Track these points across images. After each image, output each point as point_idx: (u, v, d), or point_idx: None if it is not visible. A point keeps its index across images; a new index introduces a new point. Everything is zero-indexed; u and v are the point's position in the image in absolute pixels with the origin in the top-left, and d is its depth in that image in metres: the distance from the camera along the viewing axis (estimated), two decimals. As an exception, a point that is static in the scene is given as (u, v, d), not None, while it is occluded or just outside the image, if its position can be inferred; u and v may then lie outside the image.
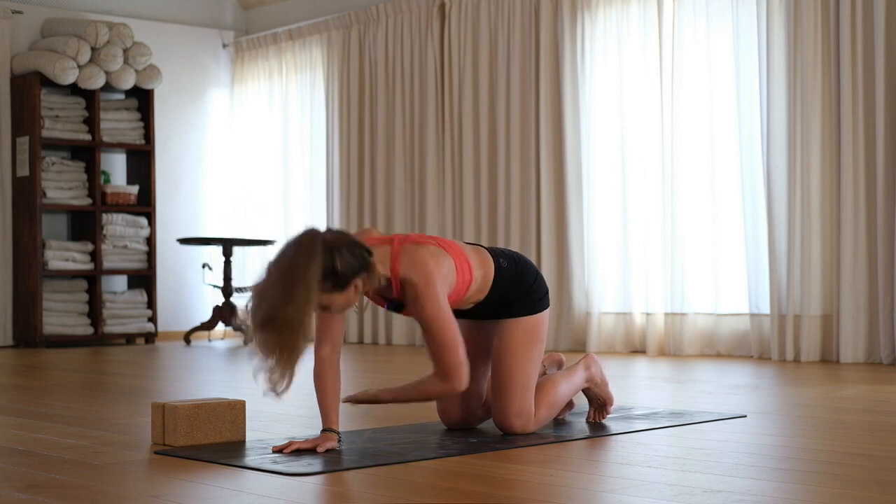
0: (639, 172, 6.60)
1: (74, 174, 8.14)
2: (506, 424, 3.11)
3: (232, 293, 8.25)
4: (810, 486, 2.35)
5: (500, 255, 3.14)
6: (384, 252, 2.91)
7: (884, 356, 5.51)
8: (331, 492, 2.38)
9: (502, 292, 3.10)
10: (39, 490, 2.39)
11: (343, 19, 8.28)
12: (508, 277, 3.11)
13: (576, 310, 6.80)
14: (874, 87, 5.58)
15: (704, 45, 6.33)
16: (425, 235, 3.04)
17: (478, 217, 7.36)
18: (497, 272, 3.09)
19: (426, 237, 3.02)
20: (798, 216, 5.80)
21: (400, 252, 2.91)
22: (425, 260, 2.90)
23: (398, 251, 2.91)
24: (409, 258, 2.90)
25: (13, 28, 8.21)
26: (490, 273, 3.08)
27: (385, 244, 2.94)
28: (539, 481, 2.47)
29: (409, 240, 2.96)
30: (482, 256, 3.11)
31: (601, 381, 3.37)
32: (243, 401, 3.10)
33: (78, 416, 3.75)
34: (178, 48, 8.91)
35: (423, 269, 2.88)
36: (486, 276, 3.08)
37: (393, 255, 2.91)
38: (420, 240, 2.97)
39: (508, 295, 3.12)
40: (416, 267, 2.88)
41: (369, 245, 2.89)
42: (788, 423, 3.45)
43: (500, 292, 3.10)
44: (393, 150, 7.90)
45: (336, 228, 2.83)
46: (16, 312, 8.05)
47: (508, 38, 7.20)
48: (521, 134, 7.11)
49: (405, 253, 2.91)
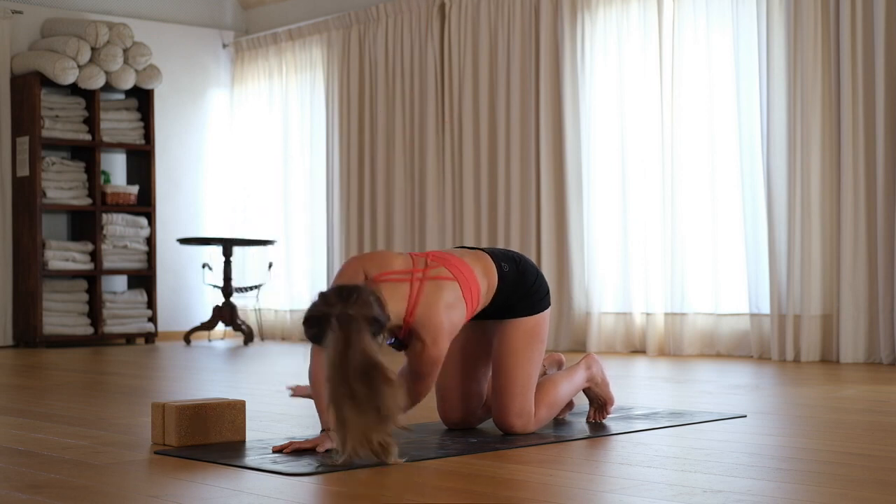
0: (639, 172, 6.60)
1: (74, 174, 8.14)
2: (506, 424, 3.11)
3: (232, 293, 8.25)
4: (810, 486, 2.35)
5: (501, 259, 3.13)
6: (401, 293, 2.85)
7: (884, 356, 5.51)
8: (331, 492, 2.38)
9: (505, 295, 3.11)
10: (39, 490, 2.39)
11: (343, 19, 8.28)
12: (511, 281, 3.11)
13: (576, 310, 6.79)
14: (874, 87, 5.58)
15: (704, 45, 6.33)
16: (439, 258, 2.98)
17: (478, 217, 7.36)
18: (500, 278, 3.09)
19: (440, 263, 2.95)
20: (798, 216, 5.80)
21: (418, 300, 2.86)
22: (439, 318, 2.85)
23: (416, 298, 2.86)
24: (424, 311, 2.85)
25: (13, 28, 8.21)
26: (494, 281, 3.08)
27: (404, 280, 2.88)
28: (539, 481, 2.47)
29: (426, 276, 2.90)
30: (485, 264, 3.08)
31: (602, 382, 3.37)
32: (243, 401, 3.10)
33: (78, 416, 3.75)
34: (178, 48, 8.91)
35: (434, 328, 2.85)
36: (490, 286, 3.07)
37: (410, 301, 2.85)
38: (440, 274, 2.92)
39: (511, 297, 3.12)
40: (428, 325, 2.84)
41: (387, 280, 2.85)
42: (788, 423, 3.45)
43: (503, 296, 3.10)
44: (393, 150, 7.90)
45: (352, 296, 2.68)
46: (16, 312, 8.05)
47: (508, 38, 7.20)
48: (521, 134, 7.11)
49: (422, 301, 2.86)
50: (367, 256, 2.95)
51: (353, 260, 2.95)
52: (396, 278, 2.87)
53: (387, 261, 2.92)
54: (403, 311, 2.84)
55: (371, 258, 2.93)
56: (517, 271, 3.13)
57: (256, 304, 8.76)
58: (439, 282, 2.91)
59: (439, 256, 3.00)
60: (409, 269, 2.91)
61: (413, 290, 2.86)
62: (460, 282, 2.94)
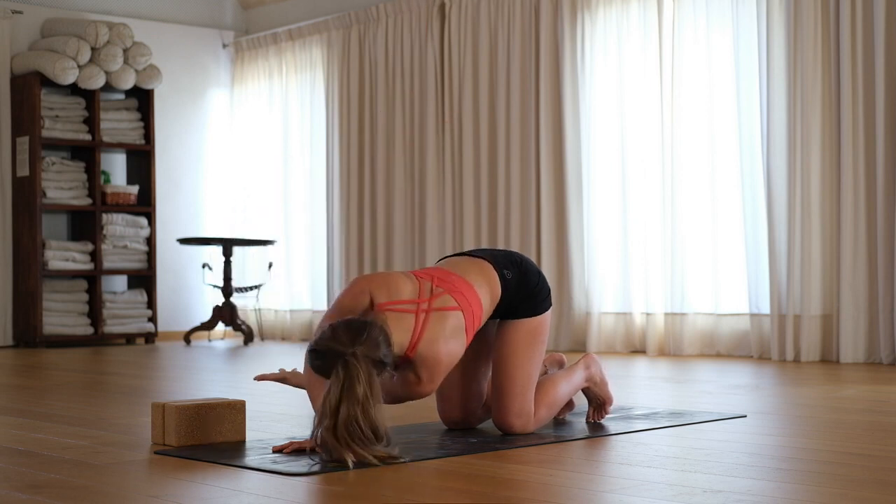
0: (639, 172, 6.60)
1: (74, 174, 8.14)
2: (505, 424, 3.11)
3: (232, 293, 8.25)
4: (810, 486, 2.35)
5: (503, 266, 3.12)
6: (406, 325, 2.86)
7: (884, 356, 5.51)
8: (331, 492, 2.38)
9: (509, 300, 3.11)
10: (39, 490, 2.39)
11: (343, 19, 8.28)
12: (514, 286, 3.11)
13: (576, 310, 6.79)
14: (874, 87, 5.58)
15: (704, 45, 6.33)
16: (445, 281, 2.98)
17: (478, 217, 7.36)
18: (503, 286, 3.09)
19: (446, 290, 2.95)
20: (798, 216, 5.80)
21: (422, 335, 2.87)
22: (440, 357, 2.87)
23: (420, 333, 2.87)
24: (427, 348, 2.86)
25: (13, 28, 8.21)
26: (497, 291, 3.08)
27: (409, 312, 2.88)
28: (539, 481, 2.47)
29: (431, 306, 2.91)
30: (488, 277, 3.07)
31: (601, 381, 3.37)
32: (243, 401, 3.10)
33: (78, 416, 3.75)
34: (178, 48, 8.91)
35: (433, 367, 2.87)
36: (493, 299, 3.07)
37: (414, 335, 2.86)
38: (445, 305, 2.92)
39: (513, 300, 3.12)
40: (428, 363, 2.86)
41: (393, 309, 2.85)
42: (788, 423, 3.45)
43: (506, 301, 3.10)
44: (393, 150, 7.90)
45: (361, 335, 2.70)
46: (16, 312, 8.05)
47: (508, 38, 7.20)
48: (521, 134, 7.11)
49: (426, 338, 2.86)
50: (374, 279, 2.94)
51: (361, 280, 2.93)
52: (402, 308, 2.88)
53: (394, 287, 2.91)
54: (406, 344, 2.86)
55: (379, 282, 2.92)
56: (520, 274, 3.13)
57: (256, 304, 8.76)
58: (443, 313, 2.91)
59: (444, 280, 2.98)
60: (416, 299, 2.91)
61: (418, 323, 2.88)
62: (464, 310, 2.95)
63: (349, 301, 2.89)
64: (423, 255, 7.67)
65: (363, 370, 2.65)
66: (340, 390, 2.62)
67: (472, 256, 3.16)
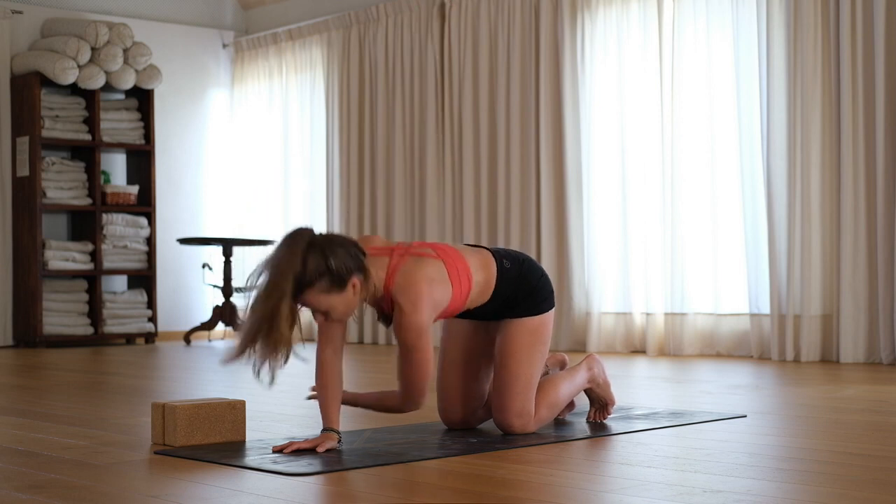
0: (639, 172, 6.60)
1: (74, 174, 8.14)
2: (506, 424, 3.11)
3: (232, 293, 8.25)
4: (810, 486, 2.35)
5: (503, 257, 3.13)
6: (382, 263, 2.91)
7: (884, 356, 5.51)
8: (331, 492, 2.38)
9: (507, 293, 3.10)
10: (40, 490, 2.39)
11: (343, 19, 8.29)
12: (512, 278, 3.11)
13: (576, 310, 6.80)
14: (874, 87, 5.58)
15: (704, 46, 6.33)
16: (427, 244, 3.03)
17: (478, 217, 7.36)
18: (500, 273, 3.09)
19: (427, 246, 3.00)
20: (798, 216, 5.80)
21: (398, 267, 2.90)
22: (419, 285, 2.87)
23: (396, 266, 2.90)
24: (404, 277, 2.88)
25: (13, 28, 8.21)
26: (492, 276, 3.08)
27: (384, 255, 2.93)
28: (539, 481, 2.47)
29: (409, 252, 2.95)
30: (484, 259, 3.10)
31: (603, 382, 3.37)
32: (243, 401, 3.10)
33: (78, 416, 3.75)
34: (178, 48, 8.92)
35: (414, 294, 2.86)
36: (488, 280, 3.07)
37: (390, 269, 2.90)
38: (421, 252, 2.96)
39: (513, 295, 3.11)
40: (408, 290, 2.87)
41: (369, 253, 2.90)
42: (788, 423, 3.45)
43: (504, 294, 3.10)
44: (393, 150, 7.90)
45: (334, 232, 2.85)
46: (16, 312, 8.05)
47: (508, 38, 7.20)
48: (521, 134, 7.11)
49: (402, 269, 2.90)
50: (360, 239, 3.00)
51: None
52: (378, 252, 2.94)
53: (377, 241, 3.00)
54: (384, 279, 2.89)
55: (362, 238, 3.01)
56: (520, 269, 3.13)
57: (256, 304, 8.75)
58: (422, 258, 2.95)
59: (429, 244, 3.04)
60: (392, 246, 2.97)
61: (393, 259, 2.92)
62: (446, 262, 2.97)
63: None
64: (423, 255, 7.66)
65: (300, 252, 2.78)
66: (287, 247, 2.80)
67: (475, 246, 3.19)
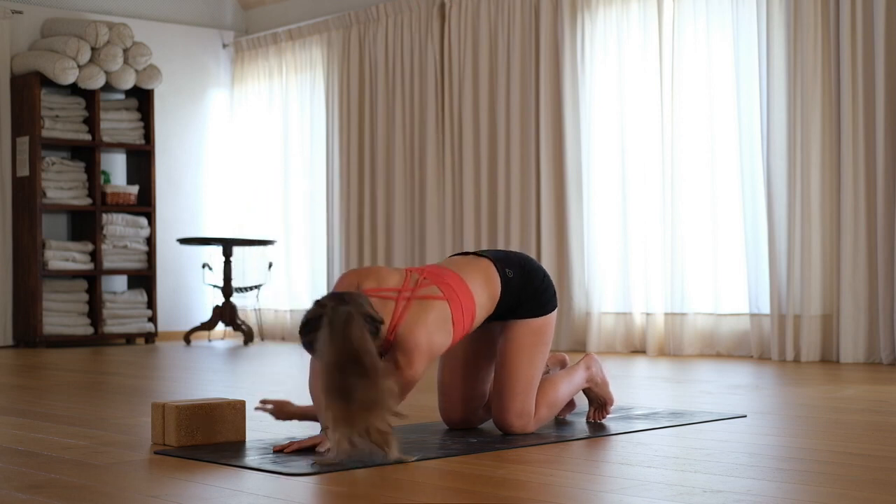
0: (639, 172, 6.60)
1: (74, 174, 8.14)
2: (506, 424, 3.11)
3: (232, 293, 8.25)
4: (810, 486, 2.35)
5: (505, 265, 3.12)
6: (387, 310, 2.85)
7: (884, 356, 5.51)
8: (331, 492, 2.38)
9: (511, 301, 3.10)
10: (39, 490, 2.39)
11: (343, 19, 8.29)
12: (516, 286, 3.10)
13: (576, 310, 6.79)
14: (874, 87, 5.58)
15: (704, 46, 6.33)
16: (433, 274, 2.98)
17: (478, 217, 7.36)
18: (503, 284, 3.08)
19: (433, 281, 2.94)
20: (798, 216, 5.80)
21: (402, 317, 2.86)
22: (418, 337, 2.84)
23: (401, 316, 2.85)
24: (406, 330, 2.84)
25: (13, 28, 8.21)
26: (497, 289, 3.07)
27: (390, 299, 2.87)
28: (539, 481, 2.47)
29: (415, 294, 2.90)
30: (486, 272, 3.07)
31: (602, 382, 3.37)
32: (243, 401, 3.10)
33: (78, 416, 3.75)
34: (178, 48, 8.92)
35: (412, 347, 2.83)
36: (492, 296, 3.06)
37: (394, 318, 2.85)
38: (426, 294, 2.91)
39: (517, 300, 3.11)
40: (406, 346, 2.83)
41: (376, 296, 2.85)
42: (788, 423, 3.45)
43: (508, 302, 3.10)
44: (393, 150, 7.90)
45: (345, 295, 2.72)
46: (16, 312, 8.05)
47: (508, 38, 7.20)
48: (521, 134, 7.11)
49: (405, 321, 2.85)
50: (363, 271, 2.96)
51: (350, 273, 2.96)
52: (384, 295, 2.88)
53: (382, 277, 2.93)
54: (386, 329, 2.84)
55: (367, 273, 2.94)
56: (522, 274, 3.12)
57: (256, 304, 8.76)
58: (427, 301, 2.90)
59: (434, 273, 2.99)
60: (399, 287, 2.91)
61: (398, 308, 2.87)
62: (451, 301, 2.93)
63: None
64: (423, 254, 7.67)
65: (355, 316, 2.64)
66: (331, 335, 2.59)
67: (476, 255, 3.16)
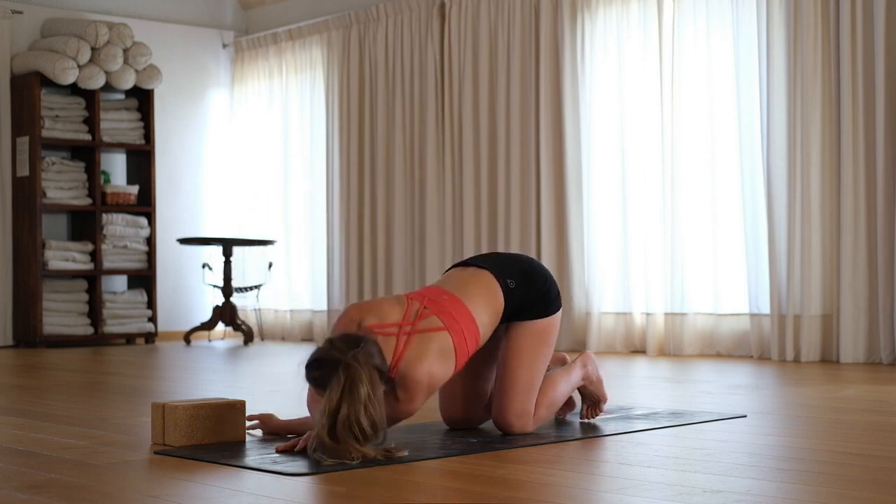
0: (639, 172, 6.60)
1: (74, 174, 8.14)
2: (505, 424, 3.11)
3: (232, 293, 8.25)
4: (810, 486, 2.35)
5: (506, 276, 3.11)
6: (389, 347, 2.86)
7: (884, 356, 5.51)
8: (331, 492, 2.38)
9: (515, 307, 3.10)
10: (39, 490, 2.39)
11: (343, 19, 8.29)
12: (518, 295, 3.10)
13: (576, 310, 6.79)
14: (874, 87, 5.58)
15: (704, 46, 6.33)
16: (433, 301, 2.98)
17: (478, 217, 7.36)
18: (506, 297, 3.08)
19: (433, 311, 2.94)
20: (798, 216, 5.80)
21: (403, 354, 2.86)
22: (419, 374, 2.85)
23: (402, 353, 2.86)
24: (408, 367, 2.85)
25: (13, 28, 8.21)
26: (500, 305, 3.07)
27: (390, 335, 2.88)
28: (539, 481, 2.47)
29: (415, 329, 2.90)
30: (488, 289, 3.06)
31: (597, 380, 3.38)
32: (243, 401, 3.10)
33: (78, 416, 3.75)
34: (178, 48, 8.92)
35: (413, 385, 2.85)
36: (495, 312, 3.06)
37: (396, 354, 2.86)
38: (427, 327, 2.91)
39: (521, 305, 3.11)
40: (406, 381, 2.85)
41: (378, 332, 2.86)
42: (788, 423, 3.45)
43: (513, 308, 3.10)
44: (393, 150, 7.90)
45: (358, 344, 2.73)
46: (16, 312, 8.05)
47: (508, 38, 7.20)
48: (521, 134, 7.11)
49: (406, 357, 2.86)
50: (363, 306, 2.96)
51: (352, 309, 2.96)
52: (386, 332, 2.88)
53: (383, 312, 2.93)
54: (388, 366, 2.84)
55: (368, 309, 2.94)
56: (524, 281, 3.11)
57: (256, 304, 8.76)
58: (427, 334, 2.91)
59: (435, 301, 2.98)
60: (400, 321, 2.91)
61: (399, 344, 2.87)
62: (452, 331, 2.94)
63: (342, 328, 2.91)
64: (422, 254, 7.67)
65: (365, 372, 2.65)
66: (341, 392, 2.62)
67: (476, 267, 3.14)
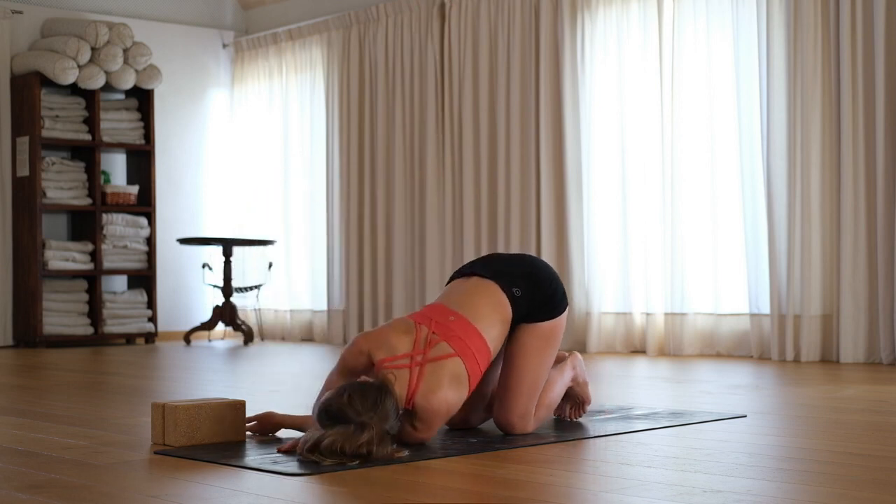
0: (639, 172, 6.60)
1: (74, 174, 8.14)
2: (507, 424, 3.11)
3: (232, 293, 8.25)
4: (810, 486, 2.35)
5: (512, 284, 3.10)
6: (402, 381, 2.85)
7: (884, 356, 5.51)
8: (331, 492, 2.38)
9: (522, 312, 3.10)
10: (39, 490, 2.39)
11: (343, 19, 8.29)
12: (526, 300, 3.09)
13: (576, 310, 6.79)
14: (874, 86, 5.59)
15: (704, 46, 6.33)
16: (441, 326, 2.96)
17: (478, 217, 7.36)
18: (513, 306, 3.07)
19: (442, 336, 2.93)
20: (798, 216, 5.80)
21: (418, 386, 2.86)
22: (435, 404, 2.86)
23: (416, 386, 2.86)
24: (422, 398, 2.85)
25: (13, 28, 8.21)
26: (508, 315, 3.06)
27: (403, 367, 2.87)
28: (539, 481, 2.47)
29: (427, 358, 2.89)
30: (495, 301, 3.05)
31: (583, 381, 3.40)
32: (243, 401, 3.10)
33: (78, 416, 3.75)
34: (178, 48, 8.92)
35: (430, 415, 2.86)
36: (504, 323, 3.06)
37: (410, 387, 2.85)
38: (440, 353, 2.90)
39: (527, 309, 3.11)
40: (424, 412, 2.86)
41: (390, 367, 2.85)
42: (788, 423, 3.45)
43: (520, 313, 3.10)
44: (393, 150, 7.90)
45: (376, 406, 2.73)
46: (16, 312, 8.05)
47: (508, 38, 7.20)
48: (521, 134, 7.11)
49: (421, 389, 2.86)
50: (371, 337, 2.94)
51: (360, 340, 2.94)
52: (398, 365, 2.87)
53: (392, 345, 2.91)
54: (404, 397, 2.85)
55: (376, 340, 2.92)
56: (530, 286, 3.10)
57: (256, 304, 8.76)
58: (439, 363, 2.90)
59: (443, 324, 2.96)
60: (410, 352, 2.90)
61: (413, 376, 2.87)
62: (464, 357, 2.93)
63: (350, 359, 2.92)
64: (422, 255, 7.67)
65: (375, 434, 2.66)
66: (344, 440, 2.63)
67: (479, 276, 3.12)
